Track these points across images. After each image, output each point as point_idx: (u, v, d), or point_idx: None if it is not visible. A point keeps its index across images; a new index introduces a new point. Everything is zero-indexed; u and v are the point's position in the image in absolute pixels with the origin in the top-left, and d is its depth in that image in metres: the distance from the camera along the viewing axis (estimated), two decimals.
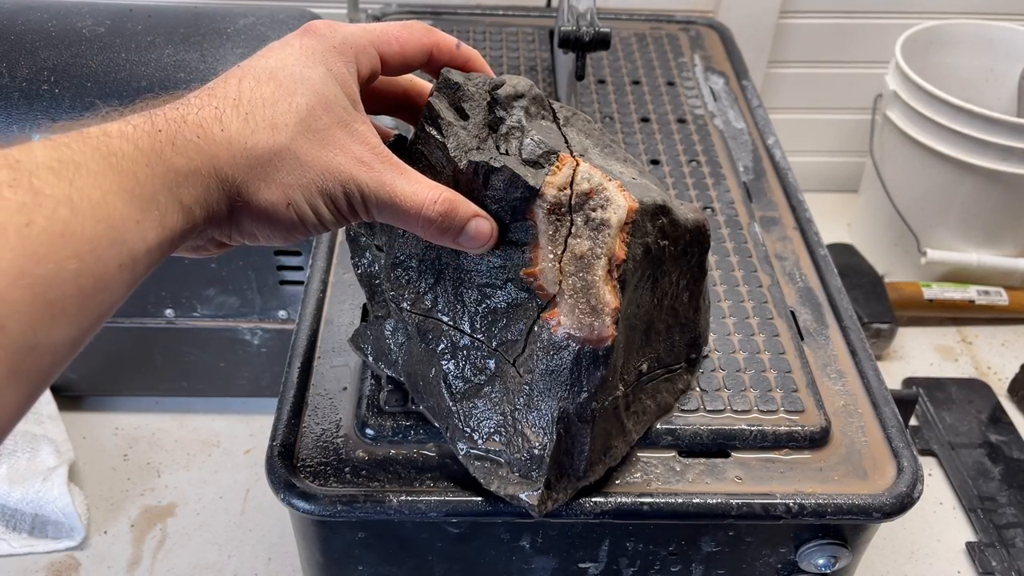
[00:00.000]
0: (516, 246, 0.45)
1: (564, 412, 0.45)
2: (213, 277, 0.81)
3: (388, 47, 0.43)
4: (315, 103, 0.39)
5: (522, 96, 0.46)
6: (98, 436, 0.89)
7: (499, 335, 0.46)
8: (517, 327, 0.46)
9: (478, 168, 0.43)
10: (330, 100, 0.39)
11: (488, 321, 0.47)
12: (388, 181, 0.40)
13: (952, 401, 0.96)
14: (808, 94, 1.21)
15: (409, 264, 0.48)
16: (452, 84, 0.45)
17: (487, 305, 0.46)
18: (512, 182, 0.43)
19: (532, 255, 0.44)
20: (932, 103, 0.99)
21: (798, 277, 0.65)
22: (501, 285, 0.46)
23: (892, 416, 0.55)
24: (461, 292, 0.47)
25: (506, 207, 0.44)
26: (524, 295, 0.45)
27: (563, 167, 0.44)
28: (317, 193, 0.39)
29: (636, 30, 0.93)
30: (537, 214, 0.44)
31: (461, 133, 0.44)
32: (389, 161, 0.40)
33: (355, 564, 0.54)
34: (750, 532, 0.52)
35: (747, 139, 0.79)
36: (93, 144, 0.33)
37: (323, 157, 0.38)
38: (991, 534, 0.82)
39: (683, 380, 0.55)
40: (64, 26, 0.76)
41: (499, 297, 0.46)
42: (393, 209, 0.40)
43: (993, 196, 1.02)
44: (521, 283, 0.45)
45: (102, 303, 0.32)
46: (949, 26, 1.10)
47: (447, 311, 0.48)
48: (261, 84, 0.38)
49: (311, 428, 0.53)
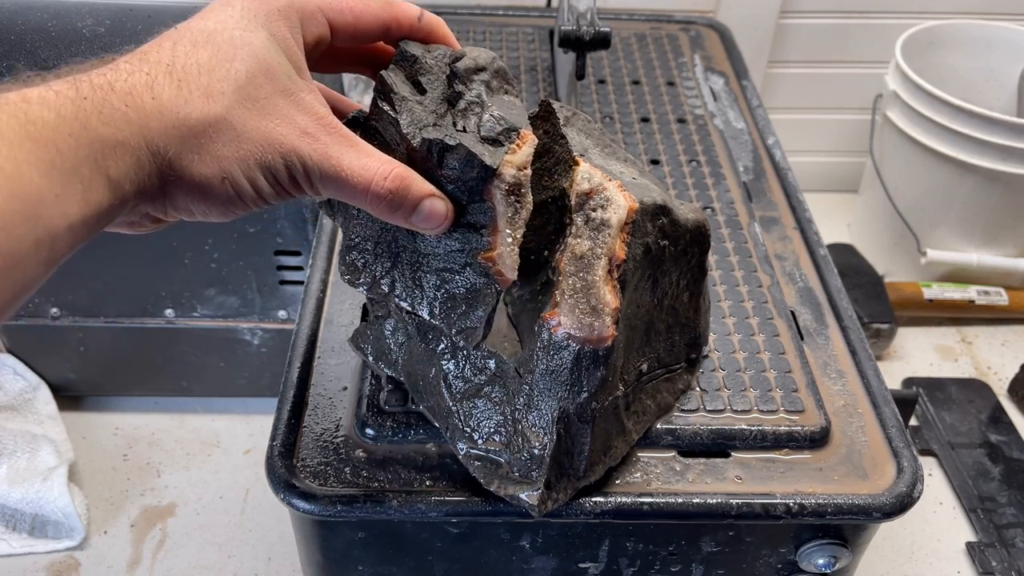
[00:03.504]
0: (474, 229, 0.42)
1: (564, 412, 0.45)
2: (213, 277, 0.81)
3: (339, 16, 0.41)
4: (255, 70, 0.36)
5: (483, 69, 0.43)
6: (98, 436, 0.89)
7: (458, 322, 0.45)
8: (476, 314, 0.44)
9: (432, 146, 0.41)
10: (272, 67, 0.37)
11: (447, 307, 0.45)
12: (334, 154, 0.38)
13: (952, 401, 0.96)
14: (808, 94, 1.21)
15: (364, 247, 0.46)
16: (409, 56, 0.43)
17: (446, 291, 0.44)
18: (468, 161, 0.41)
19: (491, 239, 0.42)
20: (932, 103, 0.99)
21: (798, 277, 0.65)
22: (459, 270, 0.44)
23: (892, 416, 0.55)
24: (419, 276, 0.45)
25: (463, 187, 0.42)
26: (483, 280, 0.43)
27: (524, 145, 0.42)
28: (256, 166, 0.36)
29: (636, 30, 0.93)
30: (495, 195, 0.41)
31: (416, 108, 0.42)
32: (337, 133, 0.38)
33: (355, 564, 0.54)
34: (750, 532, 0.52)
35: (747, 139, 0.79)
36: (10, 110, 0.31)
37: (263, 128, 0.36)
38: (991, 534, 0.82)
39: (683, 380, 0.55)
40: (64, 26, 0.76)
41: (457, 282, 0.44)
42: (339, 183, 0.38)
43: (993, 196, 1.02)
44: (479, 267, 0.43)
45: (16, 282, 0.30)
46: (949, 26, 1.10)
47: (405, 296, 0.46)
48: (197, 48, 0.36)
49: (311, 428, 0.53)
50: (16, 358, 0.88)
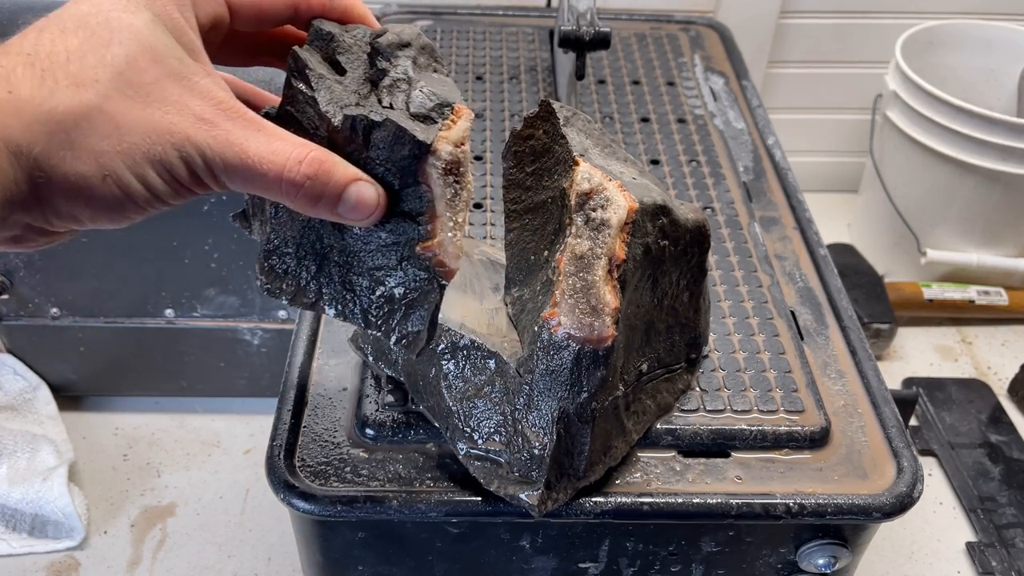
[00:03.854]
0: (409, 218, 0.38)
1: (564, 412, 0.45)
2: (213, 277, 0.81)
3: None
4: (137, 53, 0.32)
5: (408, 45, 0.39)
6: (98, 436, 0.89)
7: (398, 328, 0.41)
8: (418, 315, 0.40)
9: (355, 123, 0.37)
10: (158, 50, 0.33)
11: (384, 312, 0.41)
12: (237, 140, 0.33)
13: (952, 401, 0.96)
14: (808, 94, 1.21)
15: (285, 250, 0.41)
16: (324, 35, 0.39)
17: (381, 293, 0.40)
18: (398, 138, 0.36)
19: (429, 227, 0.38)
20: (932, 103, 0.99)
21: (798, 277, 0.65)
22: (395, 266, 0.39)
23: (892, 416, 0.55)
24: (350, 279, 0.40)
25: (393, 169, 0.37)
26: (423, 276, 0.39)
27: (460, 119, 0.38)
28: (144, 160, 0.32)
29: (636, 30, 0.93)
30: (431, 175, 0.37)
31: (336, 87, 0.38)
32: (241, 117, 0.34)
33: (355, 564, 0.54)
34: (750, 532, 0.52)
35: (747, 139, 0.79)
36: None
37: (149, 116, 0.32)
38: (991, 534, 0.82)
39: (683, 380, 0.55)
40: None
41: (394, 281, 0.40)
42: (246, 173, 0.34)
43: (993, 196, 1.02)
44: (419, 261, 0.39)
45: None
46: (949, 26, 1.10)
47: (334, 303, 0.41)
48: (66, 35, 0.32)
49: (311, 428, 0.53)
50: (16, 358, 0.88)
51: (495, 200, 0.69)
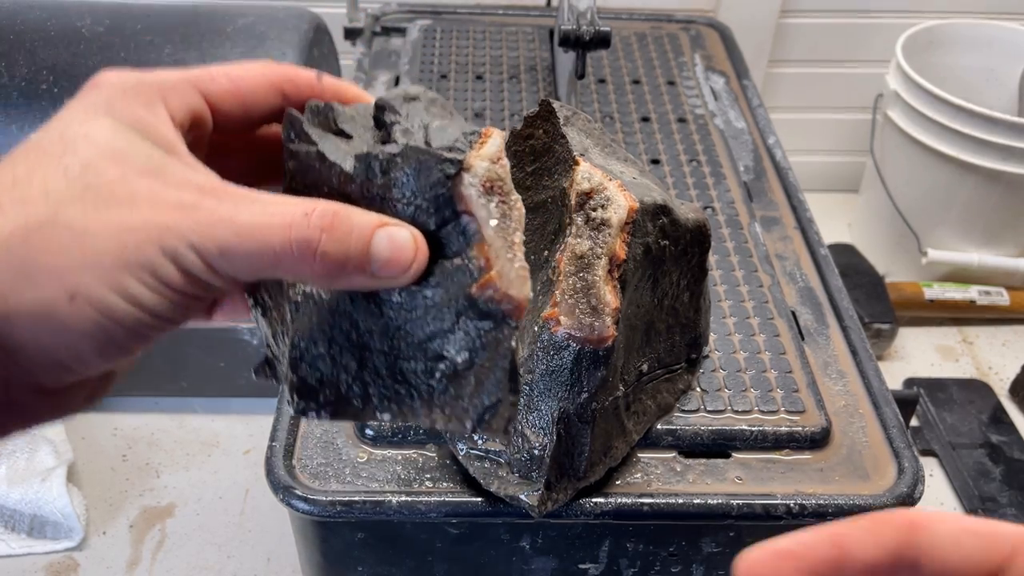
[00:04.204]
0: (454, 261, 0.31)
1: (564, 412, 0.45)
2: None
3: (213, 83, 0.32)
4: (94, 157, 0.27)
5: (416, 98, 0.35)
6: (97, 436, 0.89)
7: (472, 406, 0.31)
8: (492, 380, 0.31)
9: (370, 162, 0.31)
10: (121, 149, 0.28)
11: (452, 395, 0.32)
12: (226, 215, 0.27)
13: (953, 401, 0.96)
14: (809, 94, 1.20)
15: (315, 351, 0.33)
16: (322, 107, 0.34)
17: (442, 371, 0.31)
18: (423, 164, 0.30)
19: (482, 259, 0.30)
20: (933, 103, 0.99)
21: (799, 277, 0.65)
22: (451, 328, 0.31)
23: (893, 416, 0.55)
24: (400, 367, 0.32)
25: (425, 206, 0.31)
26: (488, 325, 0.31)
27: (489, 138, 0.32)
28: (119, 269, 0.26)
29: (636, 29, 0.93)
30: (471, 197, 0.31)
31: (342, 144, 0.33)
32: (227, 194, 0.28)
33: (355, 564, 0.53)
34: (751, 533, 0.52)
35: (747, 139, 0.79)
36: None
37: (115, 217, 0.27)
38: None
39: (683, 380, 0.55)
40: (63, 25, 0.76)
41: (454, 347, 0.31)
42: (247, 247, 0.27)
43: (994, 196, 1.02)
44: (479, 308, 0.31)
45: None
46: (950, 26, 1.10)
47: (387, 403, 0.32)
48: (15, 163, 0.28)
49: (311, 428, 0.53)
50: None
51: None
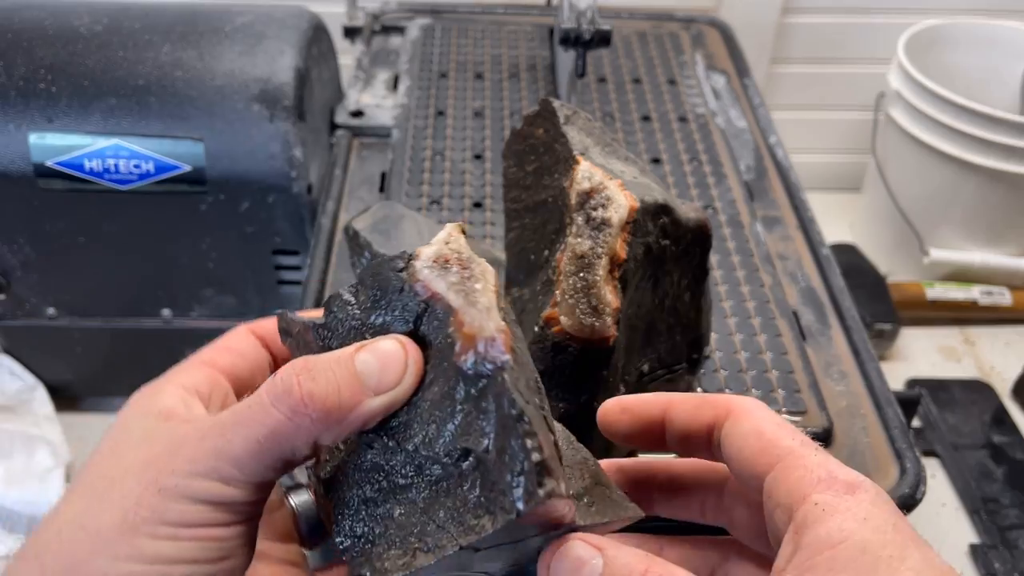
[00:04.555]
0: (438, 345, 0.30)
1: (565, 413, 0.45)
2: (211, 277, 0.81)
3: (221, 357, 0.38)
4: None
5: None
6: (95, 437, 0.89)
7: (502, 477, 0.28)
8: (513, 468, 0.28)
9: (330, 303, 0.33)
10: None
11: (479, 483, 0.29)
12: (214, 444, 0.30)
13: (955, 402, 0.95)
14: (810, 93, 1.20)
15: (358, 517, 0.32)
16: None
17: (468, 464, 0.30)
18: (375, 273, 0.32)
19: (454, 323, 0.30)
20: (935, 102, 0.99)
21: (800, 277, 0.64)
22: (453, 413, 0.30)
23: (895, 417, 0.54)
24: (434, 490, 0.31)
25: (397, 312, 0.31)
26: (476, 389, 0.29)
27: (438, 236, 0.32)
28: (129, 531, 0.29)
29: (637, 28, 0.93)
30: (427, 277, 0.31)
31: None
32: (216, 419, 0.31)
33: None
34: None
35: (749, 138, 0.78)
36: None
37: (140, 481, 0.31)
38: (994, 536, 0.82)
39: (685, 381, 0.54)
40: (61, 24, 0.76)
41: (471, 438, 0.29)
42: (249, 436, 0.29)
43: (996, 195, 1.01)
44: (466, 375, 0.29)
45: None
46: (952, 25, 1.10)
47: (433, 528, 0.30)
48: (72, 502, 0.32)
49: None
50: (13, 359, 0.87)
51: (495, 200, 0.68)
